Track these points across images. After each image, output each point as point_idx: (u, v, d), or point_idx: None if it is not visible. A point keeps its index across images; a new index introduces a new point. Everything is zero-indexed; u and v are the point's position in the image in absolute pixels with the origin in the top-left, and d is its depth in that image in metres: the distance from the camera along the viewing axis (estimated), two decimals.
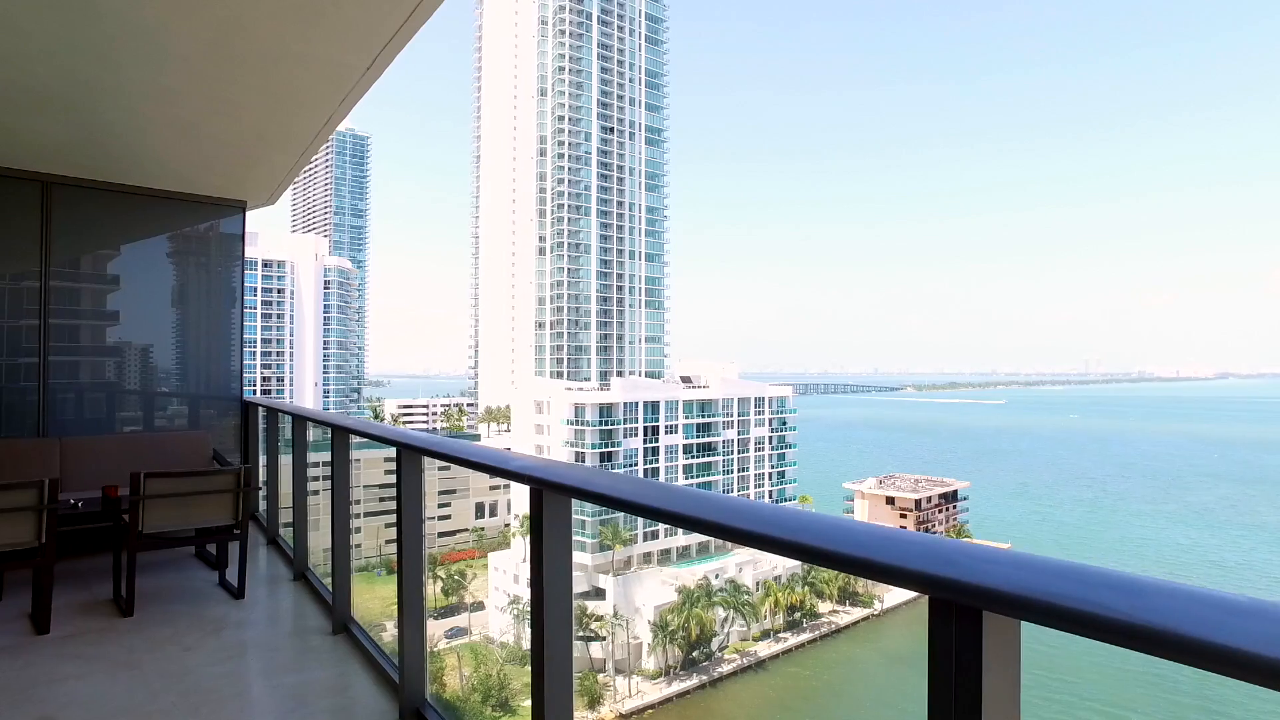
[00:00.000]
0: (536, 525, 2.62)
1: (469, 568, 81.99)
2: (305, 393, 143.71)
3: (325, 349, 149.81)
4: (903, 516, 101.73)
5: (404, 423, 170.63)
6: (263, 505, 8.84)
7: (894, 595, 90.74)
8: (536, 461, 2.81)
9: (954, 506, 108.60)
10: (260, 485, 8.69)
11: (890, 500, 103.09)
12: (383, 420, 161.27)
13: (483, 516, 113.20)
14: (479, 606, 75.95)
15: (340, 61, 5.21)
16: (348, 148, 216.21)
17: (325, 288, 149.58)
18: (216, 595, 6.11)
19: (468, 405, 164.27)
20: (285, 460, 7.83)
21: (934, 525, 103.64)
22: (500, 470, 2.92)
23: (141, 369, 9.11)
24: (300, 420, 6.86)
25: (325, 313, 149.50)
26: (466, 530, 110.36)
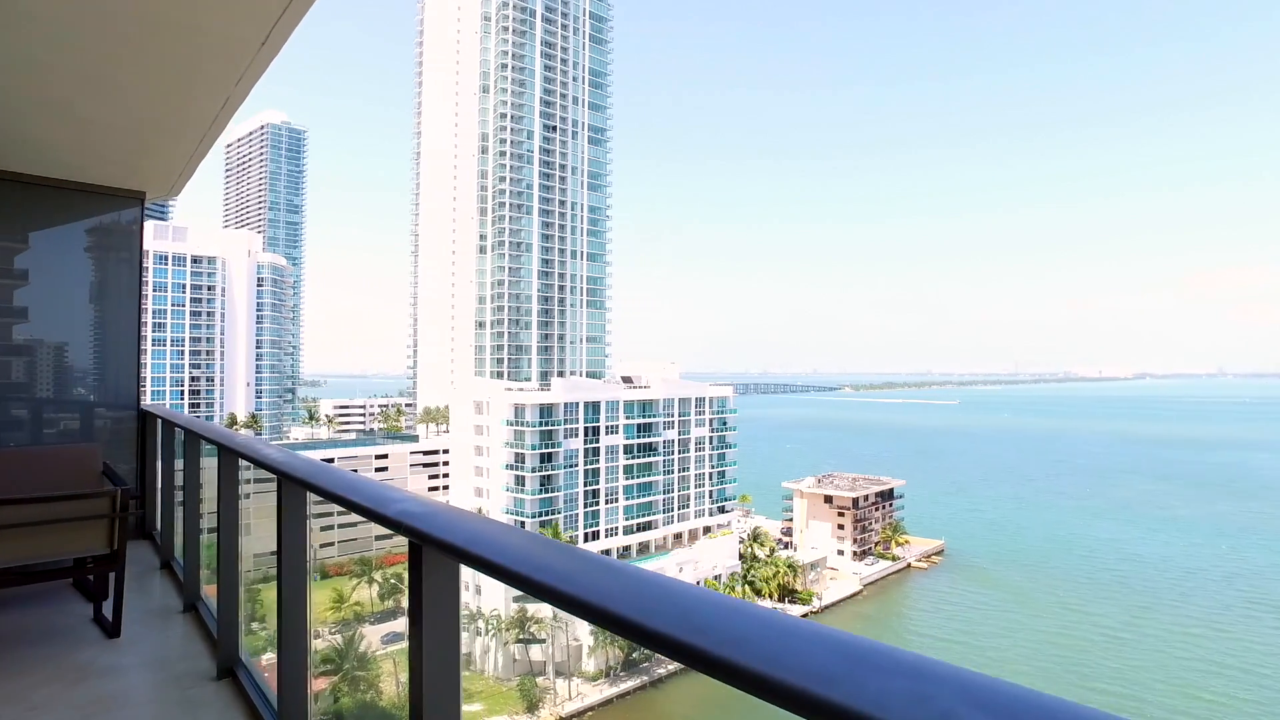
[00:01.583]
0: (415, 586, 2.23)
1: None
2: (236, 393, 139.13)
3: (258, 348, 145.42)
4: (840, 515, 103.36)
5: (340, 424, 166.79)
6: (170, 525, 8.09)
7: (832, 592, 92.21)
8: (422, 507, 2.38)
9: (890, 504, 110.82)
10: (154, 503, 7.96)
11: (828, 499, 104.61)
12: (318, 421, 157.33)
13: None
14: None
15: (232, 34, 4.65)
16: (283, 141, 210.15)
17: (259, 285, 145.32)
18: (87, 634, 5.31)
19: (406, 406, 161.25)
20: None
21: (871, 523, 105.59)
22: (375, 515, 2.47)
23: (28, 375, 8.30)
24: (193, 435, 6.16)
25: (258, 311, 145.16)
26: None
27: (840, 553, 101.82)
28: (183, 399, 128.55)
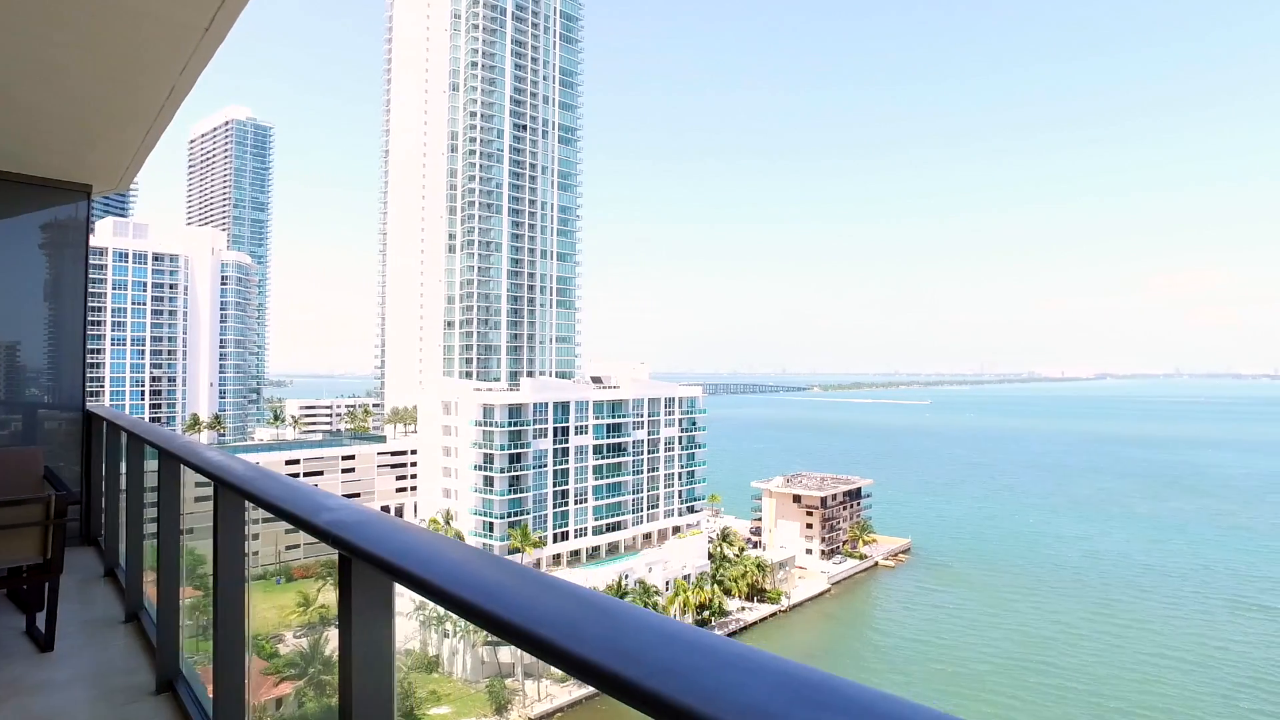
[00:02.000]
0: (344, 602, 2.06)
1: None
2: (199, 394, 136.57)
3: (222, 347, 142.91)
4: (809, 514, 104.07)
5: (306, 425, 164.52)
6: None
7: (800, 591, 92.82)
8: (355, 516, 2.22)
9: (858, 504, 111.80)
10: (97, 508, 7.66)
11: (797, 498, 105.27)
12: (284, 422, 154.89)
13: None
14: None
15: (175, 19, 4.46)
16: (248, 138, 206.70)
17: (223, 283, 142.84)
18: (19, 648, 4.96)
19: (374, 406, 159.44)
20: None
21: (839, 522, 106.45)
22: (305, 524, 2.32)
23: None
24: (135, 438, 5.90)
25: (222, 309, 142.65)
26: None
27: (809, 551, 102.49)
28: (143, 399, 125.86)
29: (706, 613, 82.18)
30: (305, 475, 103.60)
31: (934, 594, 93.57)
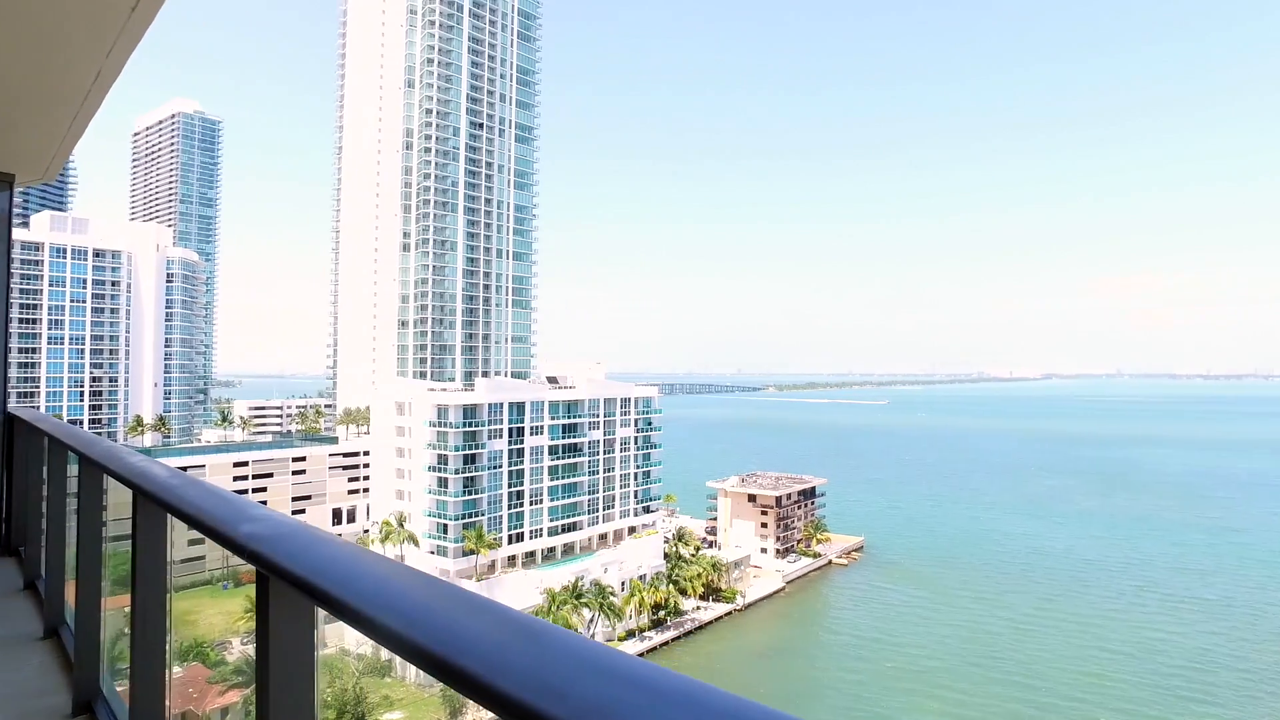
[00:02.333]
0: (262, 624, 1.91)
1: None
2: (143, 394, 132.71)
3: (167, 347, 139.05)
4: (764, 514, 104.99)
5: (256, 426, 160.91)
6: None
7: (755, 590, 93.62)
8: (274, 529, 2.02)
9: (812, 503, 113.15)
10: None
11: (752, 498, 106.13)
12: (232, 423, 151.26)
13: (340, 523, 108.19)
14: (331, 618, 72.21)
15: None
16: (196, 132, 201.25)
17: (168, 281, 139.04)
18: None
19: (325, 407, 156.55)
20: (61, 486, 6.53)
21: (793, 521, 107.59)
22: (222, 537, 2.14)
23: None
24: (57, 443, 5.62)
25: (168, 308, 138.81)
26: None
27: (763, 550, 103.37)
28: (82, 401, 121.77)
29: (662, 612, 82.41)
30: (255, 477, 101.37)
31: (886, 592, 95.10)
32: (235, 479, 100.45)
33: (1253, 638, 78.24)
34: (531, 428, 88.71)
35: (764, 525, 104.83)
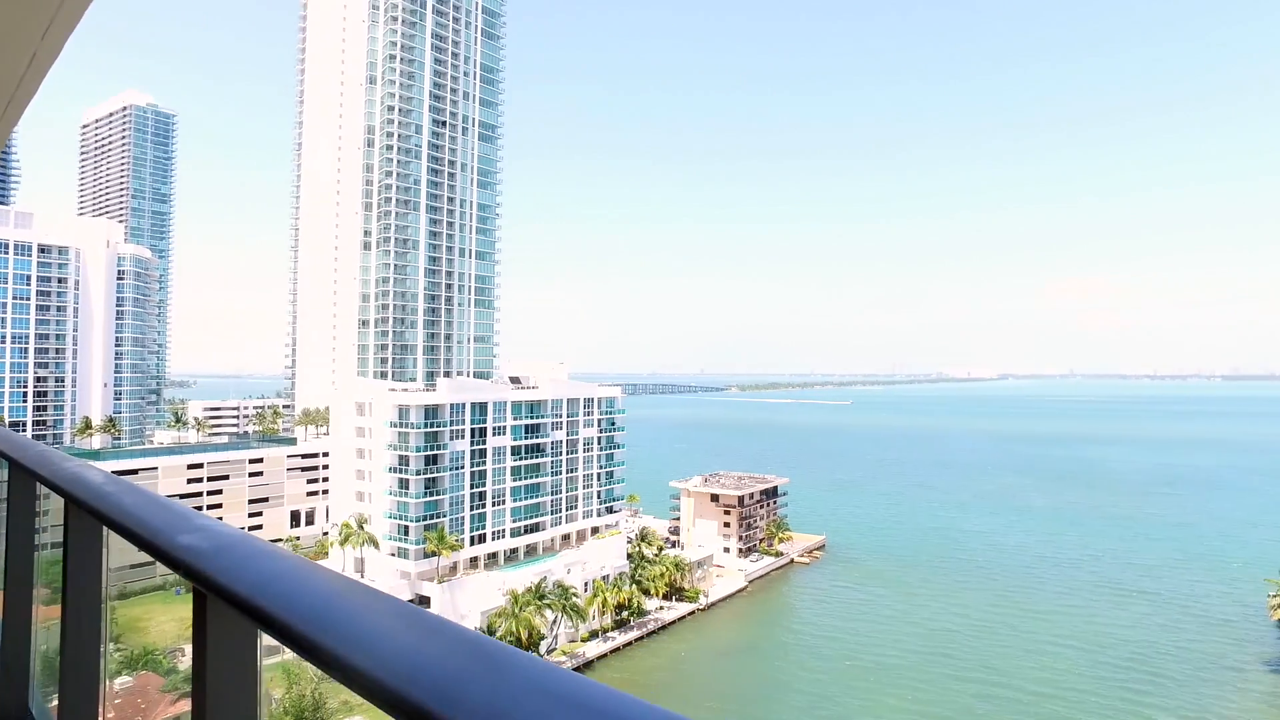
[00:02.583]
0: (199, 646, 1.75)
1: None
2: (92, 395, 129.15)
3: (118, 346, 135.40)
4: (726, 513, 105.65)
5: (211, 427, 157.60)
6: None
7: (718, 589, 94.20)
8: (213, 541, 1.85)
9: (774, 502, 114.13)
10: None
11: (715, 498, 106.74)
12: (186, 424, 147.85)
13: (298, 525, 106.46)
14: None
15: None
16: (149, 125, 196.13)
17: (119, 278, 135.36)
18: None
19: (284, 407, 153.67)
20: None
21: (756, 520, 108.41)
22: (156, 550, 1.95)
23: None
24: None
25: (119, 306, 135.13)
26: (280, 540, 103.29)
27: (726, 550, 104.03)
28: (25, 402, 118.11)
29: (625, 613, 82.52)
30: (210, 480, 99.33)
31: (846, 590, 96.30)
32: (189, 481, 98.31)
33: (1195, 628, 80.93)
34: (494, 428, 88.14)
35: (727, 525, 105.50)
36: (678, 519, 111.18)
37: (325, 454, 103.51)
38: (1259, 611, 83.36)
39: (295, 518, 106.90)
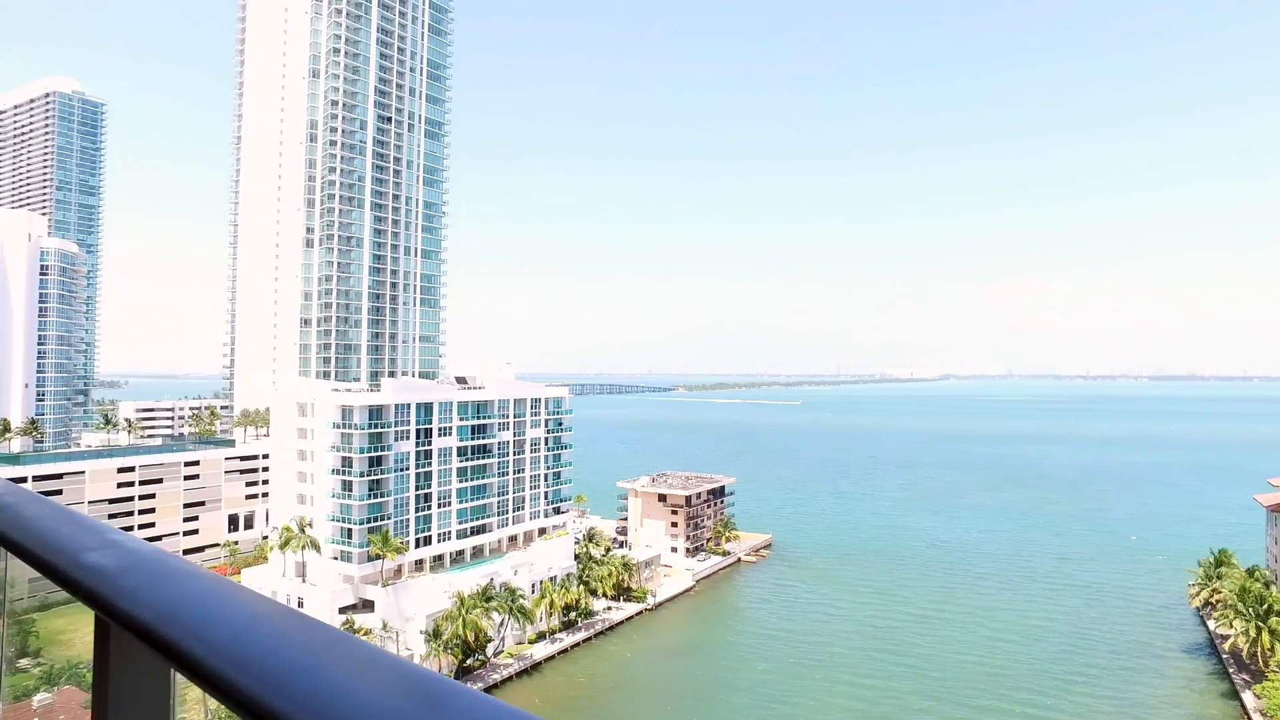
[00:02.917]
0: (100, 679, 1.46)
1: None
2: (11, 395, 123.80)
3: (41, 344, 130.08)
4: (674, 513, 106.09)
5: (144, 429, 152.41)
6: None
7: (666, 589, 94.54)
8: (120, 560, 1.55)
9: (722, 501, 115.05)
10: None
11: (662, 498, 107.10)
12: (117, 426, 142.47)
13: (236, 530, 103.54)
14: None
15: None
16: (74, 113, 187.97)
17: (43, 274, 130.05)
18: None
19: (222, 408, 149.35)
20: None
21: (703, 520, 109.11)
22: (52, 570, 1.65)
23: None
24: None
25: (42, 302, 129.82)
26: (217, 545, 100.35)
27: (674, 549, 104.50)
28: None
29: (573, 614, 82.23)
30: (142, 484, 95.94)
31: (792, 588, 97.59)
32: (120, 485, 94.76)
33: (1122, 618, 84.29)
34: (440, 429, 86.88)
35: (674, 524, 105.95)
36: (625, 519, 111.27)
37: (265, 456, 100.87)
38: (1180, 600, 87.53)
39: (234, 522, 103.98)
